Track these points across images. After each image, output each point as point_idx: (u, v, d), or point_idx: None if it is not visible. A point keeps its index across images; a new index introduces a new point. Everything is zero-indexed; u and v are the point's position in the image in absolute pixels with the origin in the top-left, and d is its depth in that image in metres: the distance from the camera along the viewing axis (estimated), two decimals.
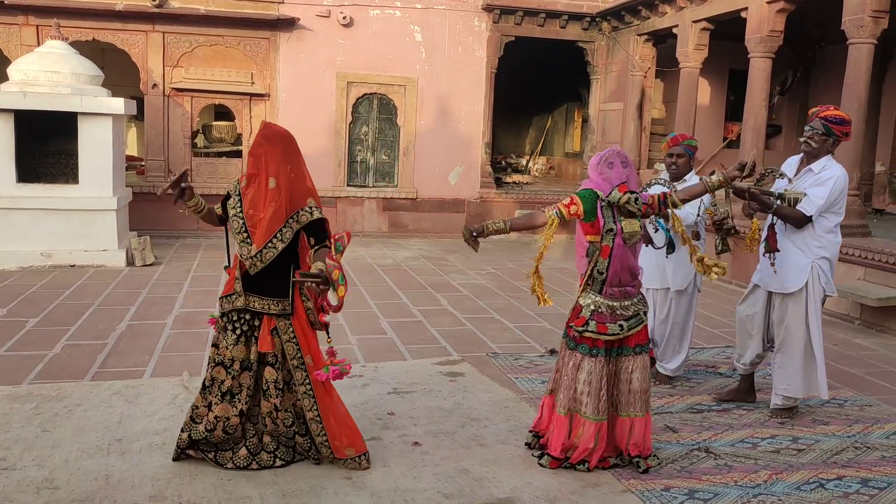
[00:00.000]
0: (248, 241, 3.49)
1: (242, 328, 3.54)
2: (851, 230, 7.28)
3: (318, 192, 3.64)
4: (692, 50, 10.43)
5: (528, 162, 16.91)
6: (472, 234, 3.79)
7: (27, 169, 8.66)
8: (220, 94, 11.59)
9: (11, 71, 8.89)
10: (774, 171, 4.57)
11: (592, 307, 3.70)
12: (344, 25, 11.77)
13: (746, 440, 4.22)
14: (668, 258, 4.89)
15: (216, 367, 3.56)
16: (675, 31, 10.79)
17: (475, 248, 3.81)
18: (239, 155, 11.85)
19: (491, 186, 12.82)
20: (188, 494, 3.35)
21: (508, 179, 14.50)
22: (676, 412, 4.63)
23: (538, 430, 3.99)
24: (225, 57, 11.52)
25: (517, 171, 16.22)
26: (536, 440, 3.97)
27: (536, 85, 16.28)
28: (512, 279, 8.94)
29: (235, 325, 3.55)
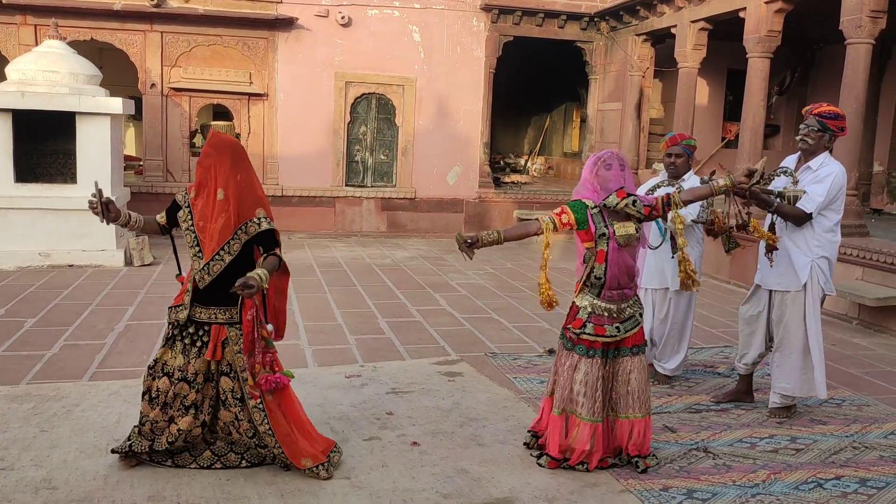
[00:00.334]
0: (199, 254, 3.47)
1: (193, 339, 3.50)
2: (850, 230, 7.28)
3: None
4: (690, 50, 10.43)
5: (526, 162, 16.91)
6: (466, 242, 3.71)
7: (25, 169, 8.65)
8: (218, 93, 11.59)
9: (9, 70, 8.88)
10: (784, 171, 4.55)
11: (590, 309, 3.71)
12: (342, 25, 11.76)
13: (745, 440, 4.22)
14: (667, 258, 4.89)
15: (180, 382, 3.49)
16: (673, 31, 10.80)
17: (470, 256, 3.75)
18: None
19: (489, 186, 12.82)
20: (187, 494, 3.35)
21: (507, 179, 14.51)
22: (675, 412, 4.63)
23: (537, 430, 3.99)
24: (223, 57, 11.52)
25: (516, 170, 16.23)
26: (535, 440, 3.97)
27: (535, 85, 16.29)
28: (510, 279, 8.94)
29: (183, 337, 3.51)
